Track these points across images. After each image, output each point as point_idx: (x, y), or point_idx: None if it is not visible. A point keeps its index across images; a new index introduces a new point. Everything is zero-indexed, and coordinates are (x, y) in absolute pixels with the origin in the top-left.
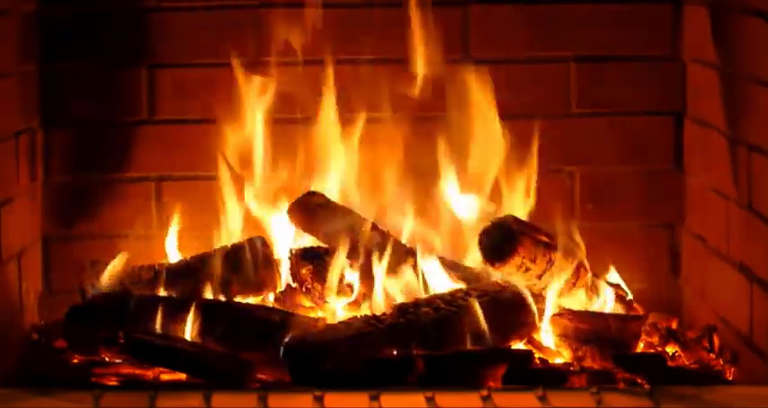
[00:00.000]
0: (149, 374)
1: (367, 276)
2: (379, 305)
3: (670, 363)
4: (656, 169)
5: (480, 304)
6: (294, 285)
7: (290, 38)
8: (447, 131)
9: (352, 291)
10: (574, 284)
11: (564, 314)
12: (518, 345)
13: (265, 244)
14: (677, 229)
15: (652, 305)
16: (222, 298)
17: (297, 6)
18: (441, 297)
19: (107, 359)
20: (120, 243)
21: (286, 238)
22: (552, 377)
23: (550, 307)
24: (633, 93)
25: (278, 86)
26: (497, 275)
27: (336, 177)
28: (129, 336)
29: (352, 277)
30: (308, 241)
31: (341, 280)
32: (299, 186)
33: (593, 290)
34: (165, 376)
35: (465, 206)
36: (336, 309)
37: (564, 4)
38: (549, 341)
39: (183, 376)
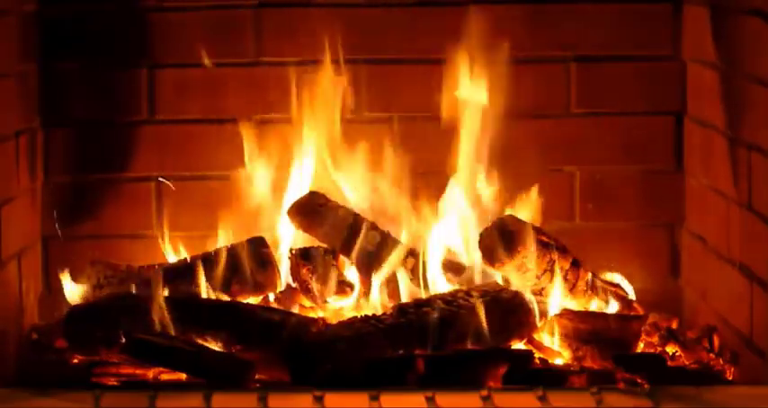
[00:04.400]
0: (149, 374)
1: (367, 276)
2: (379, 304)
3: (670, 363)
4: (656, 169)
5: (481, 304)
6: (294, 285)
7: (291, 37)
8: (448, 131)
9: (352, 291)
10: (574, 284)
11: (564, 314)
12: (518, 345)
13: (265, 244)
14: (677, 229)
15: (652, 305)
16: (222, 298)
17: (297, 6)
18: (441, 297)
19: (107, 359)
20: (121, 244)
21: (286, 238)
22: (552, 377)
23: (551, 307)
24: (633, 93)
25: (277, 86)
26: (498, 275)
27: (337, 177)
28: (129, 336)
29: (352, 277)
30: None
31: (341, 280)
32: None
33: (593, 290)
34: (165, 376)
35: (465, 206)
36: (336, 309)
37: (564, 4)
38: (549, 341)
39: (183, 376)
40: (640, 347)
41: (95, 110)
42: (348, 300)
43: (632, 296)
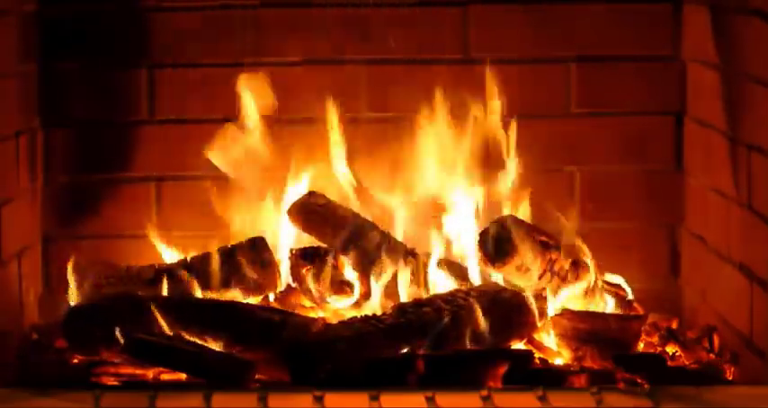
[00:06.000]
0: (149, 374)
1: (367, 276)
2: (378, 304)
3: (670, 363)
4: (656, 169)
5: (480, 304)
6: (294, 285)
7: (290, 38)
8: (448, 131)
9: (352, 291)
10: (574, 284)
11: (564, 314)
12: (518, 345)
13: (265, 244)
14: (677, 229)
15: (652, 305)
16: (222, 298)
17: (296, 6)
18: (441, 296)
19: (107, 359)
20: (121, 244)
21: (286, 238)
22: (552, 377)
23: (551, 307)
24: (633, 93)
25: (277, 86)
26: (497, 275)
27: (336, 177)
28: (129, 336)
29: (352, 277)
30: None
31: (341, 280)
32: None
33: (593, 290)
34: (165, 376)
35: (464, 205)
36: (336, 309)
37: (564, 4)
38: (549, 341)
39: (183, 376)
40: (640, 347)
41: (95, 110)
42: (348, 300)
43: (631, 296)
